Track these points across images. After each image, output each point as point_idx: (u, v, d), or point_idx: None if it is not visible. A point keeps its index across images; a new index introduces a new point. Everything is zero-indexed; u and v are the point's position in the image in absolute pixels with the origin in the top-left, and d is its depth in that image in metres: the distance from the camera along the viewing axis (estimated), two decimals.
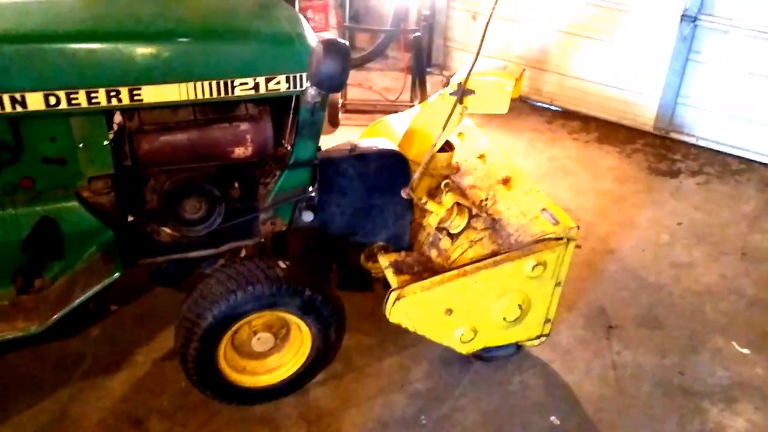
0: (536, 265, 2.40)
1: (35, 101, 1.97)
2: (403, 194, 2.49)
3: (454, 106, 2.55)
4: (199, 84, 2.12)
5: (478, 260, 2.43)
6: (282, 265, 2.28)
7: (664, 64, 4.68)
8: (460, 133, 3.11)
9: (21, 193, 2.21)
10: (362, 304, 2.90)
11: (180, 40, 2.12)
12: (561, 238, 2.42)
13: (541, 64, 5.26)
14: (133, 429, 2.37)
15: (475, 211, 2.59)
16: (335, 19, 5.54)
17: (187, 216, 2.36)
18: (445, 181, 2.68)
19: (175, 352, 2.30)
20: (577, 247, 3.55)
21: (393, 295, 2.35)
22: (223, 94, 2.17)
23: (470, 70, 2.51)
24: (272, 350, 2.45)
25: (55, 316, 2.13)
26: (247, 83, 2.18)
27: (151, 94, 2.09)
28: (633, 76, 4.87)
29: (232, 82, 2.16)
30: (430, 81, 5.05)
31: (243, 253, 2.60)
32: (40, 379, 2.53)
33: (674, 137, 4.85)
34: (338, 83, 2.12)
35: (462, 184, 2.85)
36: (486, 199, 2.68)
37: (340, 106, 4.74)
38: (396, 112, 3.45)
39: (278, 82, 2.22)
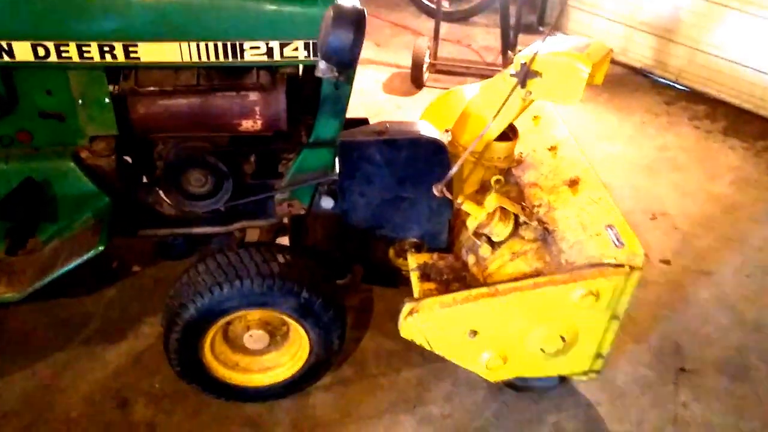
0: (586, 294, 1.98)
1: (23, 51, 1.84)
2: (435, 191, 2.11)
3: (513, 89, 2.13)
4: (203, 44, 1.88)
5: (516, 279, 2.04)
6: (280, 259, 2.01)
7: None
8: (536, 117, 2.66)
9: (18, 146, 2.07)
10: (393, 301, 2.58)
11: None
12: (622, 266, 1.97)
13: (671, 33, 4.56)
14: (117, 410, 2.23)
15: (522, 218, 2.17)
16: None
17: (192, 190, 2.12)
18: (496, 178, 2.27)
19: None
20: (666, 263, 3.02)
21: (406, 309, 2.03)
22: (230, 59, 1.90)
23: (539, 47, 2.07)
24: (269, 348, 2.20)
25: (33, 287, 1.99)
26: (258, 47, 1.90)
27: (149, 52, 1.88)
28: None
29: (241, 46, 1.89)
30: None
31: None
32: (42, 339, 2.45)
33: None
34: (348, 58, 1.74)
35: (522, 180, 2.42)
36: (539, 205, 2.24)
37: (427, 65, 4.32)
38: (490, 76, 3.02)
39: (296, 49, 1.91)
